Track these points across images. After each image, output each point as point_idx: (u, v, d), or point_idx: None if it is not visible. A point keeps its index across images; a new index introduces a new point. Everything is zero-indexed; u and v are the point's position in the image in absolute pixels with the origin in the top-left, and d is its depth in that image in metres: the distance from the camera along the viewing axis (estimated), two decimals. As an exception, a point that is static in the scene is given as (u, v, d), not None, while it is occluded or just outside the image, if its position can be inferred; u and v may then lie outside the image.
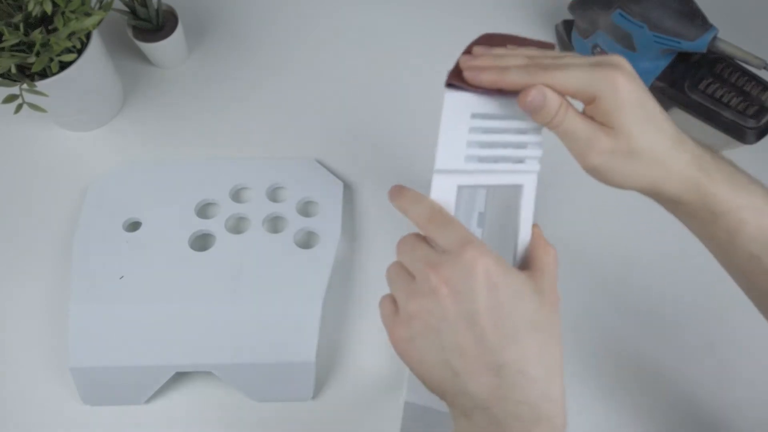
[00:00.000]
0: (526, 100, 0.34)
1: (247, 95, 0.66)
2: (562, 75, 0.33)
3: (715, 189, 0.35)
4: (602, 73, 0.33)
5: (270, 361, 0.50)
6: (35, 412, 0.51)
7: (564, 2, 0.64)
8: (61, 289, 0.55)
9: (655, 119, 0.34)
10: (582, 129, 0.34)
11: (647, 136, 0.34)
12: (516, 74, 0.34)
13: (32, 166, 0.62)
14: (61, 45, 0.51)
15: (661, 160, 0.35)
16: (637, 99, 0.34)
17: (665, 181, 0.35)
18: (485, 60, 0.35)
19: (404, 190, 0.36)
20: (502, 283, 0.31)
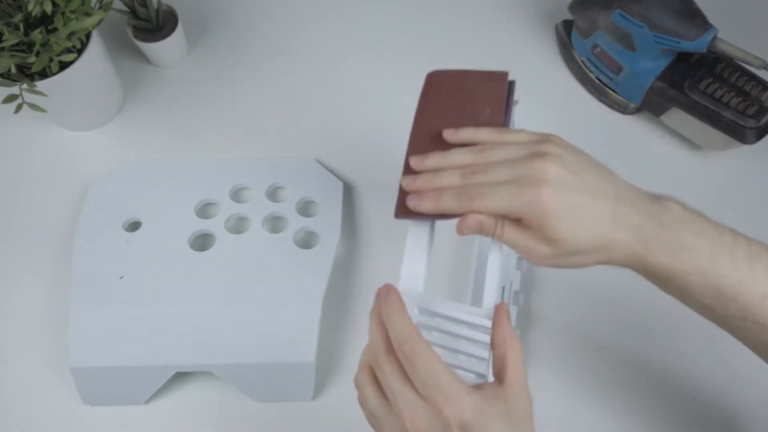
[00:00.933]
0: (463, 231, 0.37)
1: (247, 95, 0.66)
2: (488, 202, 0.36)
3: (655, 261, 0.37)
4: (523, 194, 0.35)
5: (270, 361, 0.50)
6: (35, 412, 0.51)
7: (564, 2, 0.64)
8: (61, 289, 0.55)
9: (589, 213, 0.36)
10: (520, 241, 0.37)
11: (582, 235, 0.36)
12: (450, 204, 0.37)
13: (32, 166, 0.62)
14: (61, 45, 0.51)
15: (601, 247, 0.37)
16: (564, 205, 0.35)
17: (610, 259, 0.38)
18: (421, 183, 0.39)
19: (391, 295, 0.36)
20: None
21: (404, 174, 0.41)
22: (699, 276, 0.37)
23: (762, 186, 0.61)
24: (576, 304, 0.55)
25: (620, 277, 0.56)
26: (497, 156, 0.38)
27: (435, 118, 0.42)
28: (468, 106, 0.41)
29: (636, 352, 0.53)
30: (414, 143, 0.41)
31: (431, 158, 0.40)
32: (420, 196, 0.38)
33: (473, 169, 0.38)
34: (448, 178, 0.38)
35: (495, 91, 0.42)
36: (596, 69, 0.64)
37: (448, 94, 0.42)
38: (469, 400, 0.32)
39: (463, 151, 0.39)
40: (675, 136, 0.63)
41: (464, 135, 0.40)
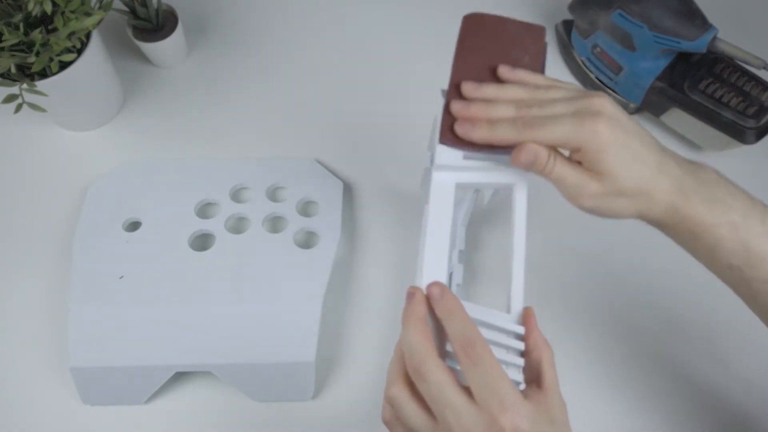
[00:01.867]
0: (519, 160, 0.37)
1: (247, 95, 0.66)
2: (547, 131, 0.36)
3: (693, 210, 0.37)
4: (584, 124, 0.36)
5: (270, 361, 0.50)
6: (35, 412, 0.51)
7: (564, 2, 0.64)
8: (61, 289, 0.55)
9: (638, 154, 0.37)
10: (571, 176, 0.37)
11: (631, 174, 0.37)
12: (505, 132, 0.37)
13: (32, 166, 0.62)
14: (61, 45, 0.51)
15: (645, 191, 0.37)
16: (619, 141, 0.36)
17: (649, 208, 0.38)
18: (476, 109, 0.38)
19: (447, 294, 0.35)
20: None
21: (449, 98, 0.39)
22: (731, 230, 0.37)
23: (762, 186, 0.60)
24: (578, 303, 0.55)
25: (621, 277, 0.56)
26: (553, 95, 0.38)
27: (476, 59, 0.41)
28: (508, 50, 0.41)
29: (635, 352, 0.53)
30: (457, 77, 0.40)
31: (487, 87, 0.39)
32: (472, 122, 0.38)
33: (529, 104, 0.38)
34: (503, 109, 0.38)
35: (534, 42, 0.42)
36: (596, 69, 0.64)
37: (488, 37, 0.42)
38: (524, 408, 0.31)
39: (518, 87, 0.39)
40: (675, 136, 0.63)
41: (520, 74, 0.40)
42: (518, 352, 0.36)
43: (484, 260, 0.57)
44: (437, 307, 0.35)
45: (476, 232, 0.58)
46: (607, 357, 0.53)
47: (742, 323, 0.51)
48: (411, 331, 0.33)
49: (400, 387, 0.34)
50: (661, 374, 0.52)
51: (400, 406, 0.34)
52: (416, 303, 0.35)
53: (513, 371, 0.36)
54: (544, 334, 0.36)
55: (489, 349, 0.33)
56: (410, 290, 0.36)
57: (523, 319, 0.37)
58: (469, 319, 0.34)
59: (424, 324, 0.34)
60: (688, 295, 0.55)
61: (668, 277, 0.56)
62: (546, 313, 0.41)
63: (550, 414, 0.33)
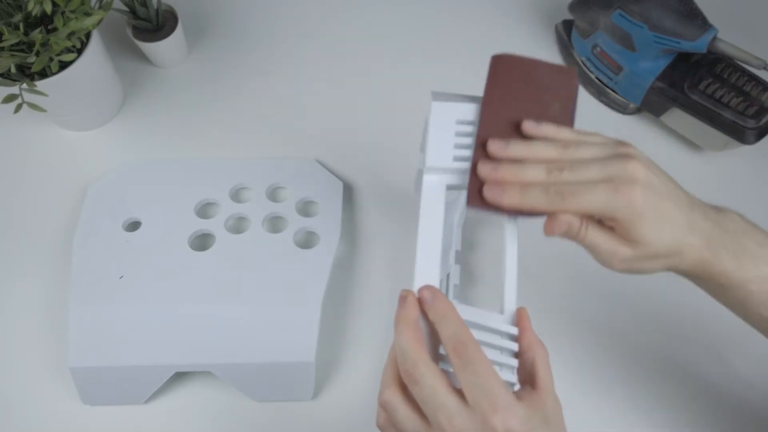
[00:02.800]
0: (553, 233, 0.36)
1: (247, 95, 0.66)
2: (580, 201, 0.35)
3: (722, 267, 0.37)
4: (619, 195, 0.35)
5: (270, 361, 0.50)
6: (35, 412, 0.51)
7: (564, 2, 0.64)
8: (61, 289, 0.55)
9: (669, 216, 0.36)
10: (603, 244, 0.37)
11: (663, 238, 0.36)
12: (537, 201, 0.36)
13: (32, 166, 0.62)
14: (61, 45, 0.51)
15: (676, 252, 0.37)
16: (652, 208, 0.35)
17: (678, 265, 0.38)
18: (505, 172, 0.37)
19: (438, 296, 0.35)
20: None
21: (476, 158, 0.38)
22: (761, 284, 0.37)
23: (762, 186, 0.61)
24: (578, 303, 0.55)
25: (622, 276, 0.56)
26: (583, 154, 0.37)
27: (505, 105, 0.40)
28: (538, 97, 0.40)
29: (633, 351, 0.53)
30: (485, 127, 0.39)
31: (515, 146, 0.38)
32: (501, 187, 0.36)
33: (560, 166, 0.36)
34: (533, 171, 0.36)
35: (564, 86, 0.41)
36: (596, 69, 0.64)
37: (518, 82, 0.40)
38: (518, 410, 0.31)
39: (547, 145, 0.37)
40: (675, 136, 0.63)
41: (546, 129, 0.38)
42: (512, 353, 0.36)
43: (481, 261, 0.57)
44: (429, 310, 0.35)
45: (472, 233, 0.58)
46: (604, 357, 0.53)
47: (743, 324, 0.51)
48: (403, 335, 0.33)
49: (393, 391, 0.34)
50: (659, 373, 0.52)
51: (393, 410, 0.33)
52: (408, 306, 0.35)
53: (506, 372, 0.36)
54: (540, 335, 0.36)
55: (481, 350, 0.32)
56: (402, 294, 0.36)
57: (517, 320, 0.37)
58: (461, 321, 0.34)
59: (416, 327, 0.34)
60: (686, 295, 0.55)
61: (666, 277, 0.56)
62: (541, 313, 0.41)
63: (545, 414, 0.33)
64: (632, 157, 0.36)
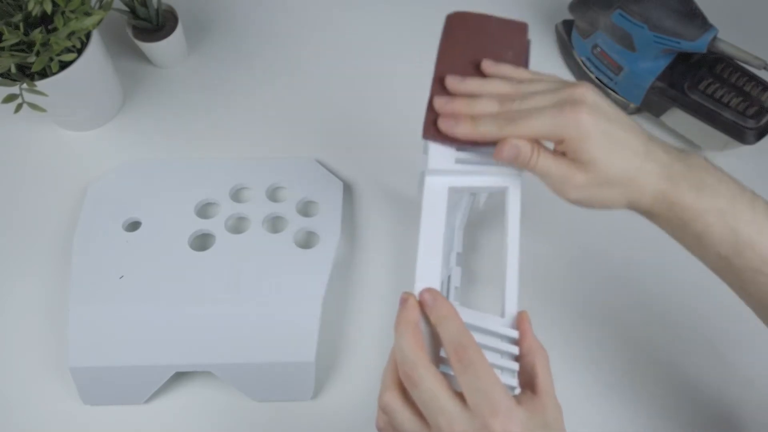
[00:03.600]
0: (502, 156, 0.37)
1: (247, 95, 0.66)
2: (529, 125, 0.36)
3: (681, 197, 0.37)
4: (565, 115, 0.36)
5: (270, 361, 0.50)
6: (35, 412, 0.51)
7: (564, 2, 0.64)
8: (61, 289, 0.55)
9: (623, 142, 0.37)
10: (555, 168, 0.37)
11: (616, 163, 0.36)
12: (487, 128, 0.37)
13: (32, 166, 0.62)
14: (61, 45, 0.51)
15: (633, 179, 0.37)
16: (601, 130, 0.36)
17: (638, 197, 0.37)
18: (459, 105, 0.38)
19: (439, 299, 0.35)
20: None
21: (433, 92, 0.40)
22: (719, 218, 0.37)
23: (762, 186, 0.60)
24: (577, 302, 0.55)
25: (621, 275, 0.56)
26: (535, 87, 0.38)
27: (460, 55, 0.41)
28: (492, 45, 0.42)
29: (634, 353, 0.53)
30: (440, 72, 0.41)
31: (470, 81, 0.39)
32: (455, 119, 0.38)
33: (512, 98, 0.38)
34: (485, 104, 0.38)
35: (517, 38, 0.43)
36: (596, 69, 0.64)
37: (471, 34, 0.42)
38: (518, 414, 0.31)
39: (501, 81, 0.39)
40: (675, 136, 0.63)
41: (504, 68, 0.40)
42: (512, 356, 0.36)
43: (483, 263, 0.57)
44: (430, 312, 0.35)
45: (474, 235, 0.58)
46: (605, 359, 0.53)
47: (742, 323, 0.51)
48: (403, 338, 0.33)
49: (394, 394, 0.34)
50: (661, 374, 0.52)
51: (393, 413, 0.33)
52: (409, 309, 0.35)
53: (507, 376, 0.36)
54: (541, 338, 0.36)
55: (481, 353, 0.32)
56: (403, 296, 0.36)
57: (518, 323, 0.37)
58: (462, 324, 0.34)
59: (416, 330, 0.34)
60: (686, 296, 0.55)
61: (666, 279, 0.56)
62: (542, 316, 0.41)
63: (545, 418, 0.33)
64: (582, 85, 0.37)
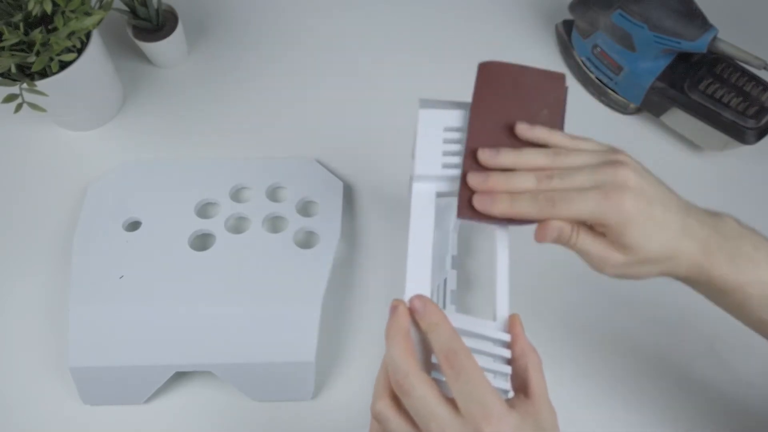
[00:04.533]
0: (543, 239, 0.36)
1: (247, 95, 0.66)
2: (570, 208, 0.35)
3: (719, 271, 0.37)
4: (609, 201, 0.35)
5: (270, 361, 0.50)
6: (35, 412, 0.51)
7: (564, 2, 0.64)
8: (61, 289, 0.55)
9: (661, 221, 0.36)
10: (594, 250, 0.37)
11: (654, 243, 0.36)
12: (527, 208, 0.36)
13: (32, 166, 0.62)
14: (61, 44, 0.51)
15: (669, 257, 0.37)
16: (643, 213, 0.35)
17: (674, 270, 0.38)
18: (495, 182, 0.37)
19: (429, 305, 0.35)
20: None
21: (466, 167, 0.38)
22: (759, 288, 0.37)
23: (762, 186, 0.61)
24: (576, 301, 0.55)
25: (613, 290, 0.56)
26: (574, 161, 0.37)
27: (494, 112, 0.39)
28: (526, 103, 0.40)
29: (633, 353, 0.53)
30: (474, 135, 0.39)
31: (505, 155, 0.37)
32: (491, 197, 0.37)
33: (550, 174, 0.36)
34: (523, 180, 0.37)
35: (553, 92, 0.40)
36: (596, 69, 0.64)
37: (505, 89, 0.40)
38: (510, 419, 0.31)
39: (537, 152, 0.37)
40: (675, 136, 0.63)
41: (539, 133, 0.38)
42: (505, 360, 0.36)
43: (479, 266, 0.57)
44: (420, 319, 0.35)
45: (468, 238, 0.58)
46: (600, 361, 0.53)
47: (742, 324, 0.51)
48: (394, 346, 0.33)
49: (386, 402, 0.34)
50: (657, 375, 0.52)
51: (386, 421, 0.33)
52: (399, 316, 0.35)
53: (500, 380, 0.35)
54: (534, 342, 0.36)
55: (473, 359, 0.32)
56: (393, 303, 0.36)
57: (509, 327, 0.37)
58: (452, 329, 0.34)
59: (407, 338, 0.34)
60: (684, 297, 0.55)
61: (667, 279, 0.56)
62: (536, 320, 0.41)
63: (538, 422, 0.33)
64: (623, 164, 0.36)
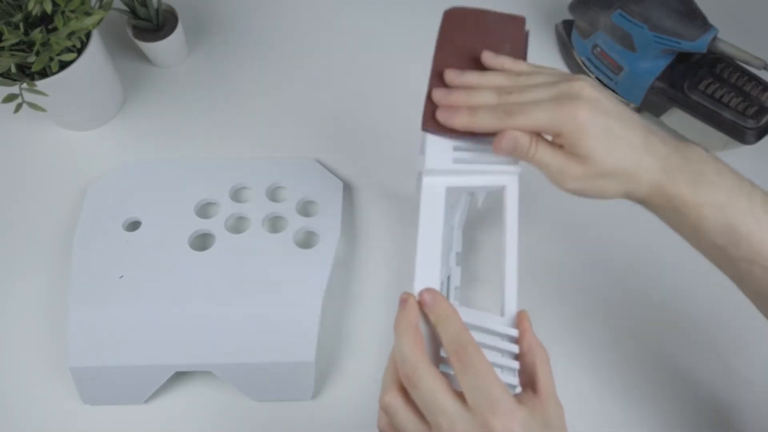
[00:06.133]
0: (500, 147, 0.38)
1: (247, 95, 0.66)
2: (526, 117, 0.37)
3: (677, 189, 0.37)
4: (563, 109, 0.36)
5: (270, 361, 0.50)
6: (35, 412, 0.51)
7: (564, 2, 0.64)
8: (61, 289, 0.55)
9: (620, 137, 0.37)
10: (553, 160, 0.38)
11: (613, 156, 0.37)
12: (486, 120, 0.38)
13: (32, 166, 0.62)
14: (61, 44, 0.51)
15: (630, 173, 0.37)
16: (599, 124, 0.36)
17: (635, 188, 0.38)
18: (457, 96, 0.39)
19: (439, 299, 0.35)
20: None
21: (432, 85, 0.41)
22: (716, 211, 0.37)
23: (762, 186, 0.61)
24: (576, 300, 0.55)
25: (622, 273, 0.56)
26: (533, 80, 0.39)
27: (457, 49, 0.42)
28: (489, 40, 0.42)
29: (635, 353, 0.53)
30: (439, 65, 0.41)
31: (469, 75, 0.40)
32: (453, 110, 0.38)
33: (510, 90, 0.38)
34: (483, 96, 0.38)
35: (514, 30, 0.43)
36: (596, 69, 0.64)
37: (469, 28, 0.43)
38: (519, 413, 0.31)
39: (499, 74, 0.40)
40: (675, 137, 0.63)
41: (504, 60, 0.41)
42: (513, 355, 0.36)
43: (482, 262, 0.57)
44: (430, 312, 0.35)
45: (473, 234, 0.58)
46: (605, 359, 0.53)
47: (742, 322, 0.51)
48: (403, 339, 0.34)
49: (394, 394, 0.34)
50: (662, 374, 0.52)
51: (394, 413, 0.34)
52: (408, 310, 0.35)
53: (508, 375, 0.36)
54: (541, 337, 0.36)
55: (481, 353, 0.33)
56: (403, 296, 0.36)
57: (517, 322, 0.37)
58: (461, 323, 0.34)
59: (416, 331, 0.34)
60: (687, 296, 0.55)
61: (667, 279, 0.56)
62: (543, 315, 0.41)
63: (546, 418, 0.33)
64: (580, 79, 0.38)
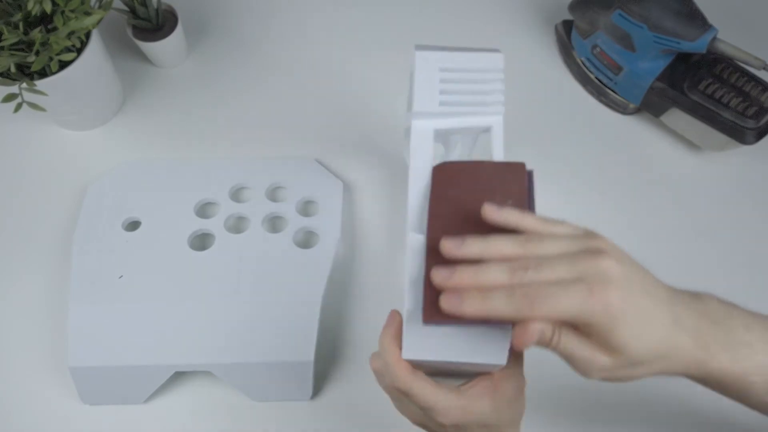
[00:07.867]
0: (524, 344, 0.32)
1: (247, 95, 0.66)
2: (551, 308, 0.31)
3: (718, 365, 0.34)
4: (593, 298, 0.31)
5: (269, 361, 0.50)
6: (35, 412, 0.51)
7: (564, 2, 0.64)
8: (61, 289, 0.55)
9: (650, 316, 0.33)
10: (579, 352, 0.33)
11: (646, 343, 0.32)
12: (501, 306, 0.31)
13: (32, 166, 0.62)
14: (61, 44, 0.51)
15: (663, 355, 0.33)
16: (631, 312, 0.31)
17: (669, 368, 0.34)
18: (462, 276, 0.33)
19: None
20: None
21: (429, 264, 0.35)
22: (761, 374, 0.35)
23: (762, 186, 0.61)
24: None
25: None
26: (549, 249, 0.33)
27: (454, 208, 0.37)
28: (488, 197, 0.36)
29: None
30: (433, 237, 0.36)
31: (470, 243, 0.33)
32: (460, 295, 0.32)
33: (524, 264, 0.32)
34: (494, 273, 0.32)
35: (514, 182, 0.38)
36: (596, 69, 0.64)
37: (465, 185, 0.38)
38: (457, 406, 0.36)
39: (506, 238, 0.33)
40: (675, 137, 0.63)
41: (509, 215, 0.34)
42: None
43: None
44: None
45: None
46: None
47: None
48: (389, 352, 0.37)
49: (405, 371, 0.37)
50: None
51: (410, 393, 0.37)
52: (394, 324, 0.38)
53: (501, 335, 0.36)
54: None
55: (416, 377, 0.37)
56: (392, 313, 0.39)
57: None
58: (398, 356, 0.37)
59: (399, 343, 0.37)
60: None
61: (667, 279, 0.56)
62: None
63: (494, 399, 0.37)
64: (604, 252, 0.32)
